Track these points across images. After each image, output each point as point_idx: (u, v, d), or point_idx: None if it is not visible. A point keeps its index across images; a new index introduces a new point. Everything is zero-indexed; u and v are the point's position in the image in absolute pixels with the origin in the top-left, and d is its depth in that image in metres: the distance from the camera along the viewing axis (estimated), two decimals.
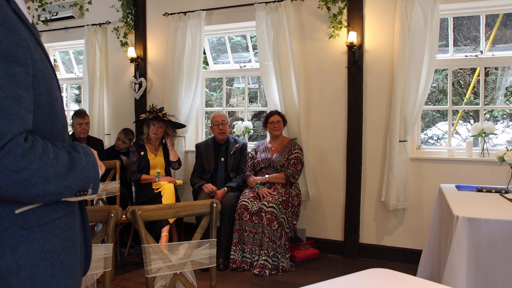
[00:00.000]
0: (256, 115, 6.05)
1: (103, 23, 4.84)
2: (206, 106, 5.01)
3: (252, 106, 6.03)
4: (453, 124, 4.37)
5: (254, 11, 4.00)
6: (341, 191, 3.89)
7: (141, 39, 4.70)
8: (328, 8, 3.78)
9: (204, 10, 4.29)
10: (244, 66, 4.59)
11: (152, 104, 4.21)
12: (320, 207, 3.99)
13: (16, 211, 0.90)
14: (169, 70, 4.45)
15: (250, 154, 3.99)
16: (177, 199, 3.85)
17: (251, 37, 4.68)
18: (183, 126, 4.27)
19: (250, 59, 4.63)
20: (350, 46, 3.68)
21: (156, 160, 4.02)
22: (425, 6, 3.40)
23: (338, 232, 3.92)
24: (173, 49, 4.39)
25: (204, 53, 4.54)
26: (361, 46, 3.72)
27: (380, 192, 3.70)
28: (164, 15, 4.48)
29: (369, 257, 3.80)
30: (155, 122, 3.98)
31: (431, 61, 3.45)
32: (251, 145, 4.16)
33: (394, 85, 3.54)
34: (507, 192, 2.60)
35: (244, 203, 3.58)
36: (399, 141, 3.55)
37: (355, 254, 3.83)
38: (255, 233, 3.50)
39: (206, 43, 4.64)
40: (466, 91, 4.77)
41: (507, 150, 2.67)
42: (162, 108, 4.06)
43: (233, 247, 3.55)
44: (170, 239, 3.63)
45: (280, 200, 3.55)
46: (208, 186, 3.84)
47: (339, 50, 3.83)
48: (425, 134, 5.44)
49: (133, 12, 4.67)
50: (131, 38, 4.76)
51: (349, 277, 1.44)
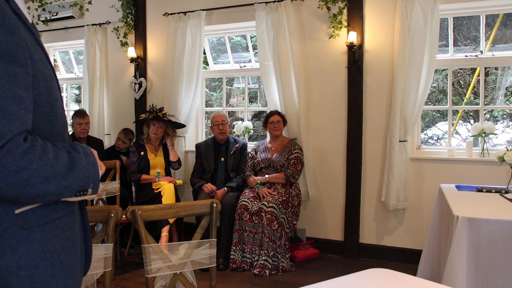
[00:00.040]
0: (256, 115, 6.05)
1: (103, 23, 4.84)
2: (206, 106, 5.01)
3: (252, 106, 6.03)
4: (453, 124, 4.36)
5: (254, 11, 4.00)
6: (341, 191, 3.89)
7: (141, 39, 4.70)
8: (328, 8, 3.78)
9: (204, 10, 4.29)
10: (244, 66, 4.59)
11: (152, 104, 4.21)
12: (320, 207, 3.99)
13: (16, 211, 0.90)
14: (169, 70, 4.45)
15: (250, 154, 3.99)
16: (177, 199, 3.85)
17: (251, 37, 4.68)
18: (183, 126, 4.27)
19: (250, 59, 4.63)
20: (350, 46, 3.68)
21: (156, 160, 4.02)
22: (425, 6, 3.40)
23: (338, 232, 3.93)
24: (173, 49, 4.39)
25: (204, 53, 4.54)
26: (361, 46, 3.72)
27: (380, 192, 3.70)
28: (164, 15, 4.48)
29: (369, 257, 3.80)
30: (155, 122, 3.98)
31: (431, 61, 3.45)
32: (251, 145, 4.16)
33: (394, 85, 3.54)
34: (507, 192, 2.60)
35: (244, 203, 3.58)
36: (399, 141, 3.55)
37: (355, 254, 3.83)
38: (255, 233, 3.50)
39: (206, 43, 4.64)
40: (466, 91, 4.77)
41: (507, 150, 2.66)
42: (162, 108, 4.06)
43: (233, 247, 3.55)
44: (170, 239, 3.63)
45: (280, 200, 3.55)
46: (208, 186, 3.84)
47: (339, 50, 3.83)
48: (425, 134, 5.44)
49: (133, 12, 4.67)
50: (131, 38, 4.76)
51: (349, 277, 1.44)
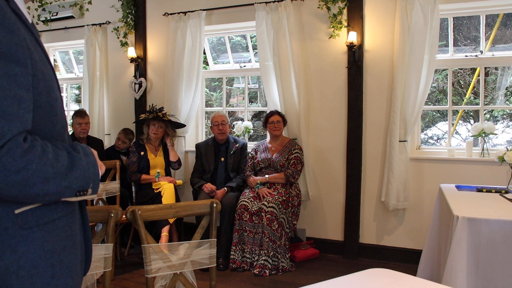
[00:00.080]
0: (256, 115, 6.05)
1: (103, 23, 4.84)
2: (206, 106, 5.01)
3: (252, 106, 6.03)
4: (453, 124, 4.36)
5: (254, 11, 4.00)
6: (341, 191, 3.89)
7: (141, 39, 4.70)
8: (328, 8, 3.78)
9: (204, 10, 4.29)
10: (244, 66, 4.59)
11: (152, 104, 4.21)
12: (320, 207, 3.99)
13: (16, 211, 0.90)
14: (169, 70, 4.45)
15: (250, 154, 3.99)
16: (177, 199, 3.85)
17: (251, 37, 4.68)
18: (183, 126, 4.27)
19: (250, 59, 4.63)
20: (350, 46, 3.68)
21: (156, 160, 4.02)
22: (425, 6, 3.40)
23: (338, 232, 3.92)
24: (173, 49, 4.39)
25: (204, 53, 4.54)
26: (361, 46, 3.72)
27: (380, 192, 3.70)
28: (164, 15, 4.48)
29: (369, 257, 3.80)
30: (155, 122, 3.98)
31: (431, 61, 3.45)
32: (251, 145, 4.16)
33: (394, 85, 3.54)
34: (507, 192, 2.60)
35: (244, 203, 3.58)
36: (399, 141, 3.55)
37: (355, 254, 3.83)
38: (255, 233, 3.50)
39: (206, 43, 4.64)
40: (466, 91, 4.76)
41: (507, 150, 2.66)
42: (162, 108, 4.06)
43: (233, 247, 3.55)
44: (170, 239, 3.63)
45: (280, 200, 3.55)
46: (208, 186, 3.84)
47: (339, 50, 3.83)
48: (425, 134, 5.44)
49: (133, 12, 4.67)
50: (131, 38, 4.76)
51: (349, 277, 1.44)
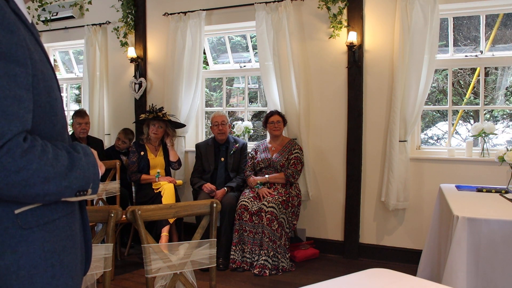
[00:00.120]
0: (256, 115, 6.05)
1: (103, 23, 4.84)
2: (206, 106, 5.01)
3: (252, 106, 6.03)
4: (453, 124, 4.36)
5: (254, 11, 4.00)
6: (341, 191, 3.89)
7: (141, 39, 4.70)
8: (328, 8, 3.78)
9: (204, 10, 4.29)
10: (244, 66, 4.59)
11: (152, 104, 4.21)
12: (320, 207, 3.99)
13: (16, 211, 0.89)
14: (169, 70, 4.45)
15: (250, 154, 3.99)
16: (177, 199, 3.85)
17: (251, 37, 4.68)
18: (183, 126, 4.27)
19: (250, 59, 4.63)
20: (350, 46, 3.68)
21: (156, 160, 4.02)
22: (425, 6, 3.40)
23: (338, 232, 3.92)
24: (173, 49, 4.39)
25: (204, 53, 4.54)
26: (361, 46, 3.72)
27: (380, 192, 3.70)
28: (164, 15, 4.48)
29: (369, 257, 3.80)
30: (155, 122, 3.98)
31: (431, 61, 3.45)
32: (251, 145, 4.16)
33: (394, 85, 3.54)
34: (507, 192, 2.60)
35: (244, 203, 3.58)
36: (399, 141, 3.54)
37: (355, 254, 3.83)
38: (255, 233, 3.50)
39: (206, 43, 4.64)
40: (466, 91, 4.76)
41: (507, 150, 2.66)
42: (162, 108, 4.06)
43: (233, 247, 3.55)
44: (170, 239, 3.63)
45: (280, 200, 3.55)
46: (208, 186, 3.84)
47: (339, 50, 3.83)
48: (425, 134, 5.43)
49: (133, 12, 4.67)
50: (131, 38, 4.76)
51: (349, 277, 1.44)
